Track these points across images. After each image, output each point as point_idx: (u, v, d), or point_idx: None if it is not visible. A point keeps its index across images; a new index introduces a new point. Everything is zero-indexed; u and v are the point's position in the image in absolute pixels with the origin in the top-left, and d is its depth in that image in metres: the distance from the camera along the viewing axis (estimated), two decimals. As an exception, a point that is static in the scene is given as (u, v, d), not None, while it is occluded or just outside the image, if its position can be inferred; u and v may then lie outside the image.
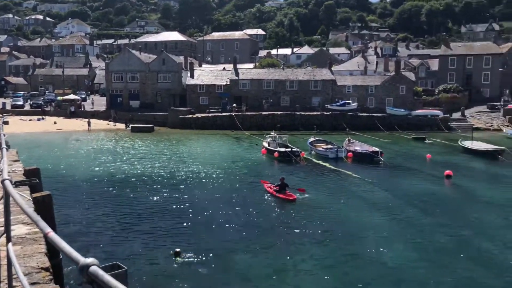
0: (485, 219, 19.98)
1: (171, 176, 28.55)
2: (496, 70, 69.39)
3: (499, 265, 14.72)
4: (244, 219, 19.49)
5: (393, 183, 27.56)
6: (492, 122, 58.28)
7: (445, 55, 71.88)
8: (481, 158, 36.14)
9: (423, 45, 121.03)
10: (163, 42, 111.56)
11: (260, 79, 66.06)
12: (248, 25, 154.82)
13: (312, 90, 65.08)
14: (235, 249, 15.97)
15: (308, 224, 18.81)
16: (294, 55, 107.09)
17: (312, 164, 33.65)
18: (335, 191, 25.05)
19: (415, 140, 48.07)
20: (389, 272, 14.15)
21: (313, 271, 14.21)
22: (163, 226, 18.54)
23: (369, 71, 75.19)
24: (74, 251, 2.32)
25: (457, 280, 13.55)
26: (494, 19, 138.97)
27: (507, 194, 24.95)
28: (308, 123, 56.73)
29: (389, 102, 62.68)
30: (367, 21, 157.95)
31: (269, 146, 38.06)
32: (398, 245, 16.45)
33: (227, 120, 57.97)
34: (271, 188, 23.91)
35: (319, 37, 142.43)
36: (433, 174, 30.06)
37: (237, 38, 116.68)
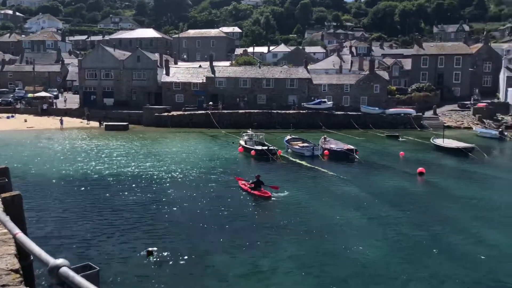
0: (456, 215, 20.52)
1: (146, 175, 28.18)
2: (466, 70, 71.34)
3: (471, 260, 15.14)
4: (220, 218, 19.43)
5: (367, 180, 27.99)
6: (463, 121, 59.90)
7: (418, 55, 73.42)
8: (452, 156, 37.12)
9: (397, 44, 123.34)
10: (138, 39, 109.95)
11: (237, 77, 65.95)
12: (224, 23, 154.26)
13: (288, 88, 65.42)
14: (210, 248, 15.89)
15: (285, 222, 18.91)
16: (271, 54, 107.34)
17: (288, 162, 33.83)
18: (311, 189, 25.26)
19: (389, 138, 48.96)
20: (364, 269, 14.34)
21: (290, 270, 14.24)
22: (137, 226, 18.29)
23: (344, 70, 76.12)
24: (43, 252, 2.24)
25: (431, 275, 13.85)
26: (464, 20, 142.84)
27: (477, 190, 25.71)
28: (285, 121, 57.00)
29: (363, 101, 63.66)
30: (342, 20, 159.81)
31: (245, 144, 38.04)
32: (373, 242, 16.72)
33: (203, 118, 57.63)
34: (246, 186, 23.97)
35: (295, 35, 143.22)
36: (406, 171, 30.68)
37: (213, 35, 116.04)
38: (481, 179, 29.18)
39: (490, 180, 29.20)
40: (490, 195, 24.67)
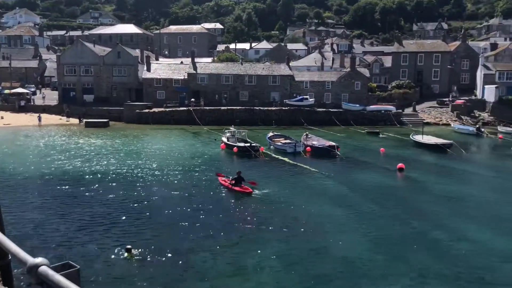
0: (436, 210, 20.92)
1: (127, 173, 27.89)
2: (445, 67, 72.61)
3: (451, 254, 15.47)
4: (202, 216, 19.37)
5: (349, 176, 28.30)
6: (441, 117, 61.03)
7: (398, 52, 74.36)
8: (431, 152, 37.82)
9: (377, 42, 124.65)
10: (118, 35, 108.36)
11: (219, 74, 65.70)
12: (206, 19, 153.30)
13: (270, 85, 65.50)
14: (192, 246, 15.82)
15: (267, 219, 18.98)
16: (253, 50, 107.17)
17: (271, 158, 33.93)
18: (294, 185, 25.40)
19: (370, 134, 49.54)
20: (348, 265, 14.48)
21: (274, 268, 14.21)
22: (117, 224, 18.11)
23: (326, 67, 76.60)
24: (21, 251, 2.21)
25: (412, 270, 14.07)
26: (443, 18, 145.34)
27: (456, 186, 26.27)
28: (267, 118, 57.08)
29: (344, 98, 64.20)
30: (323, 17, 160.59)
31: (228, 141, 37.98)
32: (356, 238, 16.93)
33: (185, 115, 57.26)
34: (226, 182, 24.01)
35: (277, 32, 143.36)
36: (387, 167, 31.13)
37: (195, 31, 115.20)
38: (459, 174, 29.81)
39: (468, 175, 29.87)
40: (468, 190, 25.24)
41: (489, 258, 15.06)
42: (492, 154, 41.03)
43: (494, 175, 29.88)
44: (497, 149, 42.01)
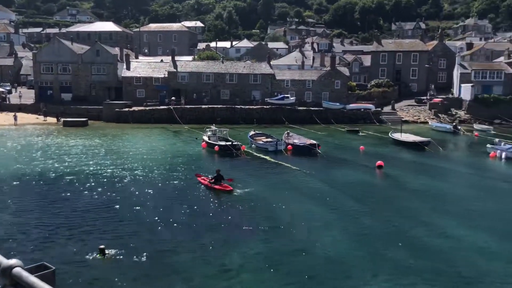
0: (414, 207, 21.30)
1: (106, 173, 27.50)
2: (423, 66, 73.89)
3: (430, 251, 15.75)
4: (182, 215, 19.25)
5: (329, 174, 28.54)
6: (419, 115, 62.11)
7: (377, 51, 75.30)
8: (410, 149, 38.47)
9: (357, 41, 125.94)
10: (97, 33, 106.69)
11: (199, 72, 65.38)
12: (186, 17, 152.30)
13: (251, 83, 65.51)
14: (172, 247, 15.69)
15: (249, 218, 18.99)
16: (233, 49, 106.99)
17: (252, 157, 33.95)
18: (275, 184, 25.47)
19: (350, 132, 50.10)
20: (330, 263, 14.57)
21: (257, 267, 14.16)
22: (95, 225, 17.81)
23: (306, 66, 77.03)
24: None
25: (394, 267, 14.26)
26: (421, 18, 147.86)
27: (433, 182, 26.77)
28: (248, 117, 57.08)
29: (325, 96, 64.71)
30: (304, 16, 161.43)
31: (209, 140, 37.84)
32: (336, 235, 17.07)
33: (166, 113, 56.79)
34: (206, 181, 24.00)
35: (258, 31, 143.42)
36: (366, 165, 31.51)
37: (175, 30, 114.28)
38: (436, 171, 30.39)
39: (445, 172, 30.48)
40: (446, 187, 25.77)
41: (467, 253, 15.40)
42: (468, 151, 41.97)
43: (470, 172, 30.60)
44: (473, 146, 43.00)
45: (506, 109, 60.30)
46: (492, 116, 59.83)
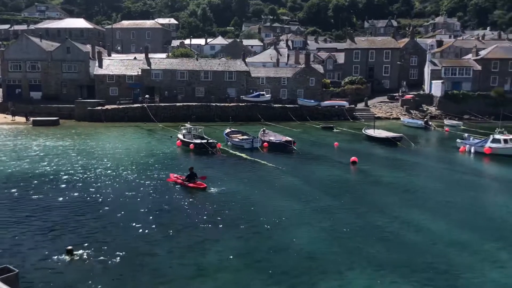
0: (388, 201, 21.72)
1: (78, 173, 26.91)
2: (395, 63, 75.30)
3: (404, 244, 16.10)
4: (157, 215, 19.02)
5: (305, 170, 28.78)
6: (392, 112, 63.33)
7: (350, 49, 76.28)
8: (383, 145, 39.21)
9: (331, 38, 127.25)
10: (67, 29, 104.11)
11: (174, 69, 64.75)
12: (159, 14, 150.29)
13: (227, 81, 65.35)
14: (147, 247, 15.50)
15: (225, 216, 18.95)
16: (208, 46, 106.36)
17: (228, 155, 33.88)
18: (251, 181, 25.51)
19: (324, 129, 50.64)
20: (308, 260, 14.67)
21: (235, 267, 14.09)
22: (64, 226, 17.36)
23: (281, 63, 77.33)
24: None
25: (369, 262, 14.49)
26: (393, 16, 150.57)
27: (406, 177, 27.37)
28: (224, 114, 56.92)
29: (300, 94, 65.23)
30: (278, 14, 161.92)
31: (184, 138, 37.54)
32: (312, 232, 17.24)
33: (139, 111, 56.00)
34: (179, 179, 23.87)
35: (232, 28, 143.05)
36: (340, 161, 31.93)
37: (149, 27, 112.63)
38: (409, 166, 31.08)
39: (417, 167, 31.20)
40: (418, 181, 26.38)
41: (439, 246, 15.79)
42: (439, 146, 43.06)
43: (441, 166, 31.42)
44: (443, 141, 44.14)
45: (475, 105, 62.19)
46: (462, 111, 61.60)
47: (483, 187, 25.75)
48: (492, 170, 30.83)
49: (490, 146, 33.92)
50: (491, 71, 66.71)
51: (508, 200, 22.04)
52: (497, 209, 20.57)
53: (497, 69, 66.65)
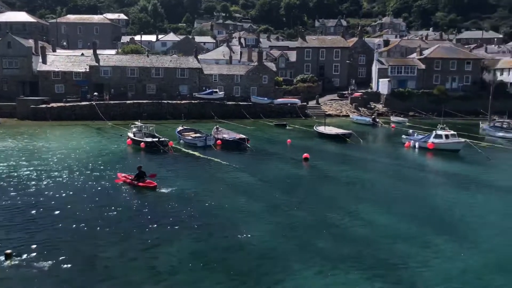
0: (338, 196, 22.33)
1: (22, 175, 25.55)
2: (344, 62, 77.41)
3: (353, 237, 16.61)
4: (107, 217, 18.41)
5: (259, 167, 28.98)
6: (342, 109, 65.09)
7: (302, 47, 77.54)
8: (333, 141, 40.27)
9: (283, 37, 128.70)
10: (8, 23, 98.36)
11: (123, 66, 63.03)
12: (108, 9, 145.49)
13: (179, 78, 64.49)
14: (96, 251, 14.99)
15: (180, 216, 18.68)
16: (159, 42, 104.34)
17: (181, 153, 33.45)
18: (205, 179, 25.33)
19: (277, 126, 51.25)
20: (262, 257, 14.75)
21: (190, 268, 13.89)
22: (3, 230, 16.48)
23: (234, 60, 77.32)
24: None
25: (323, 257, 14.80)
26: (342, 15, 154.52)
27: (355, 172, 28.25)
28: (176, 112, 56.12)
29: (253, 91, 65.57)
30: (231, 11, 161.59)
31: (134, 136, 36.67)
32: (267, 228, 17.35)
33: (88, 109, 54.05)
34: (128, 179, 23.36)
35: (184, 25, 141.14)
36: (293, 157, 32.43)
37: (97, 22, 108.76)
38: (358, 162, 32.09)
39: (366, 162, 32.27)
40: (366, 176, 27.29)
41: (388, 239, 16.39)
42: (386, 142, 44.78)
43: (388, 162, 32.69)
44: (390, 137, 45.97)
45: (419, 102, 65.19)
46: (407, 108, 64.40)
47: (426, 181, 27.07)
48: (435, 164, 32.49)
49: (433, 142, 35.71)
50: (434, 70, 70.18)
51: (449, 193, 23.31)
52: (439, 201, 21.69)
53: (439, 68, 70.22)
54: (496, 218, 18.98)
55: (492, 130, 46.72)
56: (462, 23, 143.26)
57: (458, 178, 26.88)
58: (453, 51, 74.06)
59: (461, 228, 17.63)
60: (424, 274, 13.47)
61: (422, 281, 13.06)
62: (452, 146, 35.00)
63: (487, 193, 23.06)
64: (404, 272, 13.60)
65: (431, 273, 13.54)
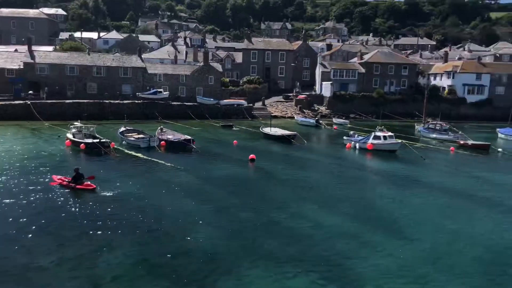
0: (283, 196, 22.62)
1: None
2: (289, 64, 78.85)
3: (298, 237, 16.88)
4: (43, 224, 17.39)
5: (204, 169, 28.74)
6: (287, 111, 66.23)
7: (248, 49, 78.02)
8: (278, 143, 40.87)
9: (229, 38, 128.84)
10: None
11: (62, 64, 60.15)
12: (45, 3, 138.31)
13: (122, 77, 62.59)
14: (29, 260, 14.13)
15: (123, 220, 18.06)
16: (101, 40, 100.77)
17: (123, 155, 32.42)
18: (148, 182, 24.70)
19: (224, 127, 51.16)
20: (208, 260, 14.60)
21: (130, 274, 13.49)
22: None
23: (180, 60, 76.34)
24: None
25: (268, 257, 14.94)
26: (287, 18, 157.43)
27: (299, 173, 28.81)
28: (119, 112, 54.35)
29: (199, 92, 65.03)
30: (176, 10, 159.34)
31: (74, 137, 35.07)
32: (213, 231, 17.21)
33: (22, 109, 50.96)
34: (64, 181, 22.37)
35: (127, 23, 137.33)
36: (240, 158, 32.50)
37: (32, 16, 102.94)
38: (302, 162, 32.77)
39: (310, 163, 33.04)
40: (310, 176, 27.93)
41: (332, 238, 16.86)
42: (328, 143, 46.12)
43: (330, 162, 33.67)
44: (332, 138, 47.41)
45: (359, 105, 67.80)
46: (348, 111, 66.74)
47: (366, 181, 28.17)
48: (374, 164, 33.90)
49: (372, 143, 37.26)
50: (373, 74, 73.29)
51: (387, 192, 24.41)
52: (378, 200, 22.65)
53: (378, 72, 73.44)
54: (431, 215, 20.13)
55: (426, 132, 49.56)
56: (400, 30, 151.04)
57: (395, 177, 28.23)
58: (391, 56, 77.74)
59: (399, 225, 18.52)
60: (365, 271, 13.98)
61: (363, 277, 13.56)
62: (389, 146, 36.71)
63: (422, 191, 24.40)
64: (346, 270, 14.04)
65: (371, 270, 14.07)
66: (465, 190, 25.06)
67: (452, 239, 16.93)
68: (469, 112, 70.51)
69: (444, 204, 22.07)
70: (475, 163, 34.44)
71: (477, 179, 28.10)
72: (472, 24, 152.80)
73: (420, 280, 13.53)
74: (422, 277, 13.72)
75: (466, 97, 71.79)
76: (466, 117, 68.46)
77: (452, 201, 22.62)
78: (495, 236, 17.48)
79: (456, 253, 15.64)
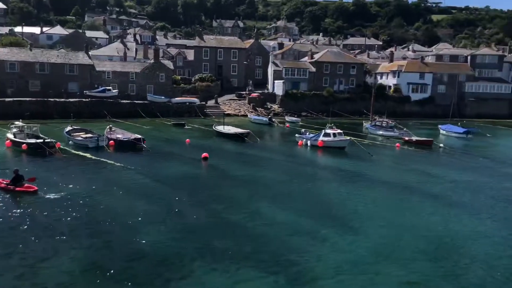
0: (237, 194, 22.61)
1: None
2: (242, 63, 78.91)
3: (251, 235, 16.94)
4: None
5: (156, 168, 28.16)
6: (240, 109, 66.26)
7: (200, 47, 77.25)
8: (232, 141, 40.84)
9: (180, 35, 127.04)
10: None
11: (1, 60, 56.74)
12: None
13: (68, 75, 59.98)
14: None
15: (70, 224, 17.29)
16: (45, 35, 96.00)
17: (70, 155, 31.11)
18: (96, 182, 23.82)
19: (176, 126, 50.41)
20: (160, 262, 14.34)
21: (76, 280, 12.95)
22: None
23: (129, 57, 74.37)
24: None
25: (221, 255, 14.85)
26: (239, 17, 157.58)
27: (252, 170, 28.92)
28: (64, 111, 52.04)
29: (150, 89, 63.60)
30: (125, 6, 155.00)
31: (15, 137, 33.21)
32: (165, 231, 16.90)
33: (-43, 108, 47.62)
34: (3, 184, 21.20)
35: (73, 18, 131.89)
36: (192, 157, 32.15)
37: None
38: (255, 160, 32.91)
39: (263, 160, 33.22)
40: (263, 174, 28.09)
41: (284, 235, 17.01)
42: (281, 140, 46.66)
43: (283, 159, 34.08)
44: (285, 136, 48.01)
45: (311, 103, 69.09)
46: (300, 109, 67.85)
47: (317, 177, 28.76)
48: (324, 161, 34.66)
49: (322, 140, 38.11)
50: (323, 73, 74.85)
51: (338, 188, 25.05)
52: (330, 196, 23.17)
53: (328, 71, 75.12)
54: (379, 209, 20.86)
55: (373, 129, 51.37)
56: (348, 30, 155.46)
57: (345, 173, 29.03)
58: (340, 55, 79.78)
59: (349, 220, 19.01)
60: (319, 267, 14.23)
61: (318, 273, 13.79)
62: (339, 143, 37.69)
63: (370, 187, 25.23)
64: (301, 266, 14.19)
65: (326, 266, 14.34)
66: (411, 184, 26.20)
67: (399, 232, 17.63)
68: (413, 110, 73.81)
69: (392, 199, 22.96)
70: (419, 158, 36.12)
71: (421, 174, 29.47)
72: (416, 26, 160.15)
73: (370, 272, 13.97)
74: (373, 269, 14.18)
75: (410, 95, 75.05)
76: (410, 115, 71.65)
77: (398, 195, 23.58)
78: (440, 227, 18.39)
79: (404, 245, 16.30)
